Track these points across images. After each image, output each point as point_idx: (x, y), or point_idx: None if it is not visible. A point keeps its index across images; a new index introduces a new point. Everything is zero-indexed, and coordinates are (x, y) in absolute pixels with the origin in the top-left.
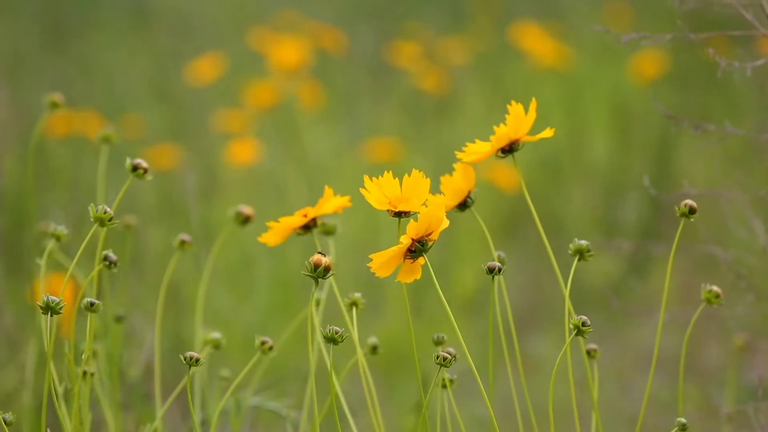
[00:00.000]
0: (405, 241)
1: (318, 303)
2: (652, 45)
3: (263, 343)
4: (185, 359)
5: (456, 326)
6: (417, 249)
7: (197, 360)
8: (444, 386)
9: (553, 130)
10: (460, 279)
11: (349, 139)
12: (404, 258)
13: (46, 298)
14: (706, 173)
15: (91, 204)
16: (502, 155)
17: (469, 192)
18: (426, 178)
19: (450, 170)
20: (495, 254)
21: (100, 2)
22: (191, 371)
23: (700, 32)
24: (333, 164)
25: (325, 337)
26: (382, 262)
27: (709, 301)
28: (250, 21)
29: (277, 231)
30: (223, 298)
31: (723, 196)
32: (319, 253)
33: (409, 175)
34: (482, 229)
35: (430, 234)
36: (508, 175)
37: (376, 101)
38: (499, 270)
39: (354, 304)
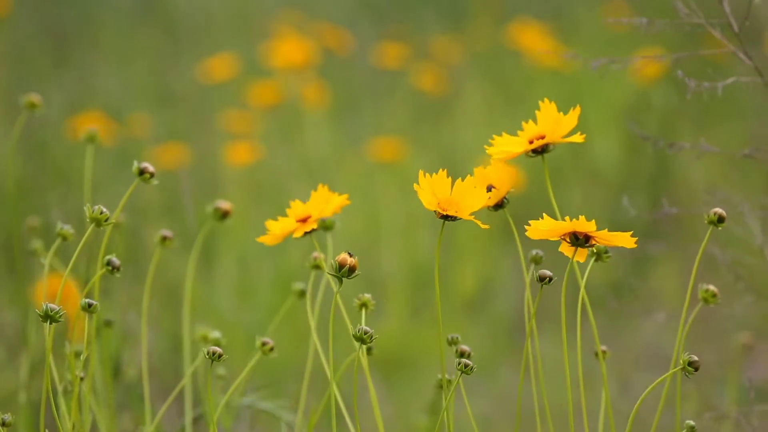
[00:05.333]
0: (558, 227)
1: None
2: (621, 68)
3: (264, 344)
4: (208, 354)
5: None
6: (572, 241)
7: (220, 355)
8: (441, 387)
9: (583, 135)
10: (461, 279)
11: (351, 138)
12: (562, 238)
13: (45, 306)
14: (707, 172)
15: (87, 204)
16: (533, 155)
17: (506, 192)
18: (481, 189)
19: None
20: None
21: (100, 2)
22: (189, 371)
23: (682, 48)
24: (335, 163)
25: (354, 337)
26: (537, 229)
27: (705, 300)
28: (253, 21)
29: (276, 234)
30: (224, 298)
31: (704, 210)
32: (347, 252)
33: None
34: (483, 229)
35: (594, 236)
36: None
37: (377, 101)
38: (550, 279)
39: (364, 305)
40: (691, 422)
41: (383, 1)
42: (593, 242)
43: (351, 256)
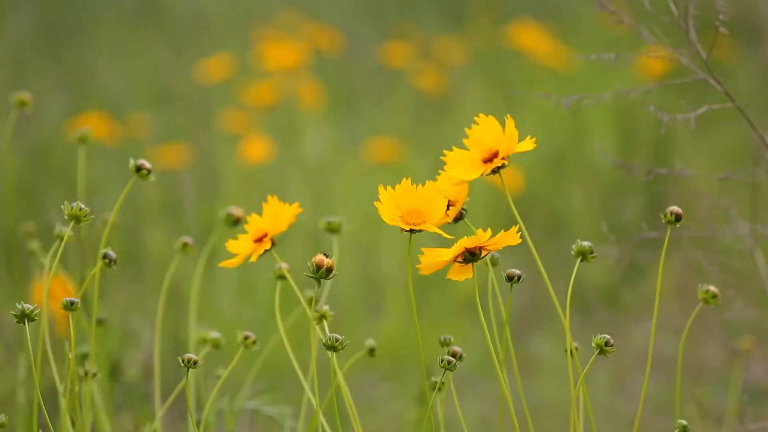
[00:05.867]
0: (453, 253)
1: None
2: (594, 103)
3: (246, 338)
4: (183, 361)
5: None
6: (467, 258)
7: (195, 362)
8: (440, 389)
9: (534, 140)
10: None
11: (350, 138)
12: (454, 260)
13: (20, 306)
14: (707, 172)
15: (65, 201)
16: (491, 174)
17: (463, 204)
18: (437, 195)
19: None
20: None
21: (100, 2)
22: (189, 373)
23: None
24: (334, 164)
25: (325, 345)
26: (430, 264)
27: (706, 301)
28: (252, 21)
29: (237, 258)
30: (224, 298)
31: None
32: (323, 254)
33: (410, 180)
34: (480, 229)
35: (486, 246)
36: (508, 177)
37: (376, 101)
38: (519, 278)
39: (323, 317)
40: (684, 422)
41: (383, 1)
42: (485, 252)
43: (327, 256)
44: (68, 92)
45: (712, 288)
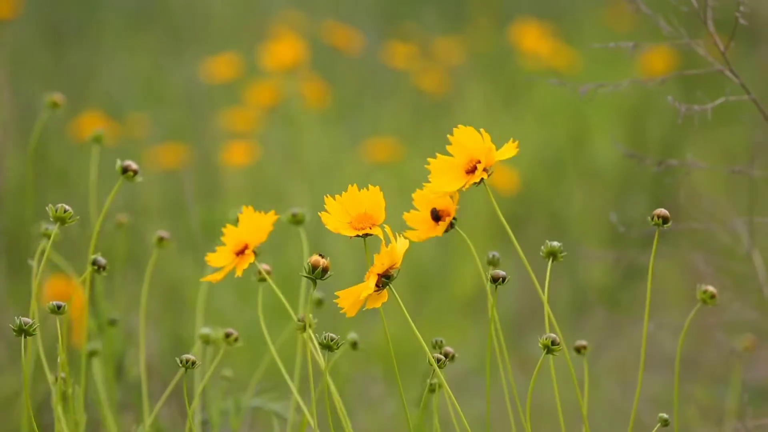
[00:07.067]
0: (370, 283)
1: (319, 303)
2: (611, 91)
3: (228, 335)
4: (181, 362)
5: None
6: (384, 283)
7: (193, 363)
8: (432, 390)
9: (516, 144)
10: (460, 279)
11: (350, 138)
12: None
13: (18, 321)
14: (708, 173)
15: (49, 204)
16: (474, 186)
17: (452, 216)
18: (381, 197)
19: None
20: (478, 260)
21: (102, 2)
22: (186, 373)
23: (685, 49)
24: (333, 164)
25: (320, 344)
26: (351, 303)
27: (704, 301)
28: (253, 21)
29: (221, 272)
30: (224, 298)
31: (697, 220)
32: (318, 254)
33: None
34: (482, 229)
35: (393, 265)
36: (505, 176)
37: (376, 101)
38: (503, 279)
39: (319, 302)
40: (665, 415)
41: (384, 1)
42: (394, 270)
43: (323, 257)
44: (69, 92)
45: (710, 288)
